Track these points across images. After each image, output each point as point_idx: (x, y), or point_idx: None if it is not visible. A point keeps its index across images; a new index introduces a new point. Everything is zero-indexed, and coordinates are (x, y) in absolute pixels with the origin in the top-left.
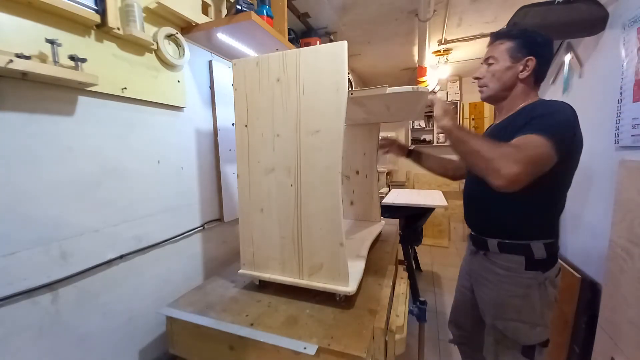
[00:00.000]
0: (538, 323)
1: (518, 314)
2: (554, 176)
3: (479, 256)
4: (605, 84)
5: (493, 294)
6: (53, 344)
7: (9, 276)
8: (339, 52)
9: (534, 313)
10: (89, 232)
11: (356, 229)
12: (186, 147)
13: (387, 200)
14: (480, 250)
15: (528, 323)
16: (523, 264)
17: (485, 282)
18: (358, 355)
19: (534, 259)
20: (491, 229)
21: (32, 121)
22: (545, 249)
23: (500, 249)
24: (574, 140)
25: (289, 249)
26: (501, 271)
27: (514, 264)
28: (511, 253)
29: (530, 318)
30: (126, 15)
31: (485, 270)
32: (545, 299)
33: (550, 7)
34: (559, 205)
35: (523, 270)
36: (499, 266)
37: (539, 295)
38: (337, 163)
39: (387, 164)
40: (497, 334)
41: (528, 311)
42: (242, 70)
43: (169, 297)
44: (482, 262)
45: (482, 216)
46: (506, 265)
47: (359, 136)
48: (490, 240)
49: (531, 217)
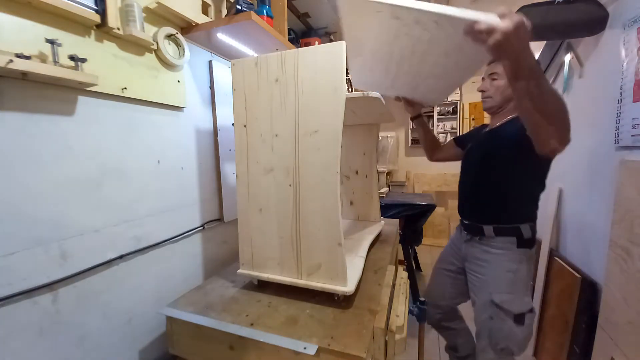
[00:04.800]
0: (526, 293)
1: (512, 286)
2: (540, 169)
3: (474, 242)
4: (605, 84)
5: (491, 272)
6: (53, 344)
7: (9, 276)
8: (337, 52)
9: (523, 284)
10: (89, 232)
11: (356, 229)
12: (186, 147)
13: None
14: (475, 236)
15: (519, 293)
16: (515, 243)
17: (483, 263)
18: (358, 355)
19: (524, 238)
20: (488, 217)
21: (32, 121)
22: (530, 230)
23: (496, 233)
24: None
25: (287, 248)
26: (498, 251)
27: (508, 244)
28: (505, 235)
29: (520, 289)
30: (126, 15)
31: (482, 252)
32: (529, 272)
33: (550, 7)
34: (540, 192)
35: (515, 248)
36: (494, 247)
37: (526, 269)
38: (335, 163)
39: (387, 164)
40: (492, 308)
41: (519, 283)
42: (241, 70)
43: (169, 297)
44: (478, 246)
45: (479, 206)
46: (501, 245)
47: (359, 136)
48: (486, 227)
49: (521, 204)
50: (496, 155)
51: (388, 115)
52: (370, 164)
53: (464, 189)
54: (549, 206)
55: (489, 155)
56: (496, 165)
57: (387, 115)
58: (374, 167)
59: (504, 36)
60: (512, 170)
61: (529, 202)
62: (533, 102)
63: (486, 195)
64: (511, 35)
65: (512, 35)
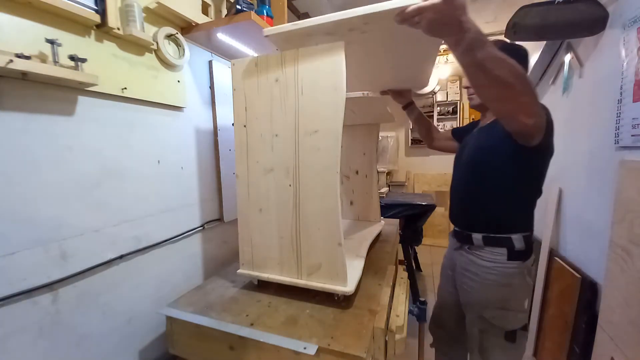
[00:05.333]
0: (520, 309)
1: (504, 302)
2: (532, 171)
3: (463, 251)
4: (605, 84)
5: (479, 286)
6: (53, 344)
7: (9, 276)
8: (337, 52)
9: (517, 300)
10: (89, 232)
11: (356, 229)
12: (186, 147)
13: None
14: (464, 244)
15: (512, 310)
16: (505, 255)
17: (471, 275)
18: (358, 355)
19: (515, 250)
20: (477, 224)
21: (32, 121)
22: (524, 241)
23: (484, 243)
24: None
25: (287, 248)
26: (486, 263)
27: (498, 256)
28: (495, 246)
29: (513, 305)
30: (126, 15)
31: (470, 263)
32: (525, 287)
33: (550, 7)
34: (535, 199)
35: (506, 261)
36: (483, 259)
37: (520, 284)
38: (335, 163)
39: (387, 164)
40: (482, 323)
41: (512, 299)
42: (241, 70)
43: (169, 297)
44: (467, 255)
45: (469, 212)
46: (490, 257)
47: (359, 136)
48: (475, 235)
49: (512, 212)
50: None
51: (388, 115)
52: (370, 164)
53: (454, 192)
54: (549, 206)
55: (476, 156)
56: (484, 167)
57: (387, 115)
58: (374, 167)
59: (435, 13)
60: (502, 172)
61: (523, 209)
62: (485, 73)
63: (475, 201)
64: (442, 9)
65: (443, 9)
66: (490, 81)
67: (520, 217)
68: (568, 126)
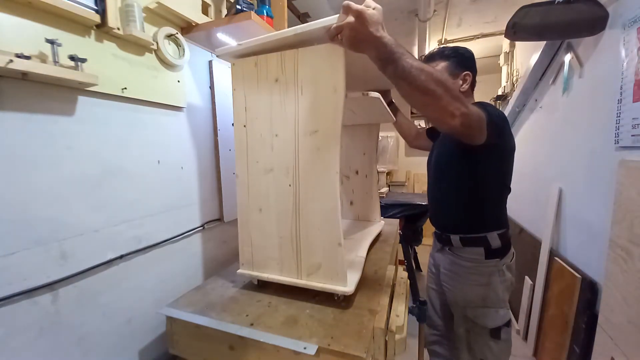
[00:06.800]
0: (501, 306)
1: (484, 300)
2: (489, 169)
3: (445, 252)
4: (605, 84)
5: (461, 286)
6: (53, 344)
7: (9, 276)
8: (337, 52)
9: (497, 297)
10: (89, 232)
11: (355, 229)
12: (186, 147)
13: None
14: (445, 246)
15: (493, 307)
16: (483, 254)
17: (454, 275)
18: (358, 355)
19: (492, 248)
20: (452, 226)
21: (32, 121)
22: (499, 239)
23: (462, 244)
24: (504, 130)
25: (287, 248)
26: (466, 263)
27: (476, 255)
28: (472, 246)
29: (494, 303)
30: (126, 15)
31: (452, 264)
32: (504, 283)
33: (550, 7)
34: (503, 197)
35: (484, 260)
36: (463, 259)
37: (499, 281)
38: (335, 163)
39: (387, 164)
40: (467, 323)
41: (492, 296)
42: (241, 70)
43: (169, 297)
44: (449, 257)
45: (444, 214)
46: (470, 257)
47: (359, 136)
48: (453, 237)
49: (483, 212)
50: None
51: (388, 115)
52: (370, 164)
53: (429, 195)
54: (549, 206)
55: (439, 159)
56: (445, 170)
57: (387, 115)
58: (374, 167)
59: (351, 30)
60: (458, 172)
61: (493, 207)
62: (408, 83)
63: (444, 203)
64: (356, 26)
65: (358, 27)
66: (413, 90)
67: (491, 216)
68: (568, 126)
